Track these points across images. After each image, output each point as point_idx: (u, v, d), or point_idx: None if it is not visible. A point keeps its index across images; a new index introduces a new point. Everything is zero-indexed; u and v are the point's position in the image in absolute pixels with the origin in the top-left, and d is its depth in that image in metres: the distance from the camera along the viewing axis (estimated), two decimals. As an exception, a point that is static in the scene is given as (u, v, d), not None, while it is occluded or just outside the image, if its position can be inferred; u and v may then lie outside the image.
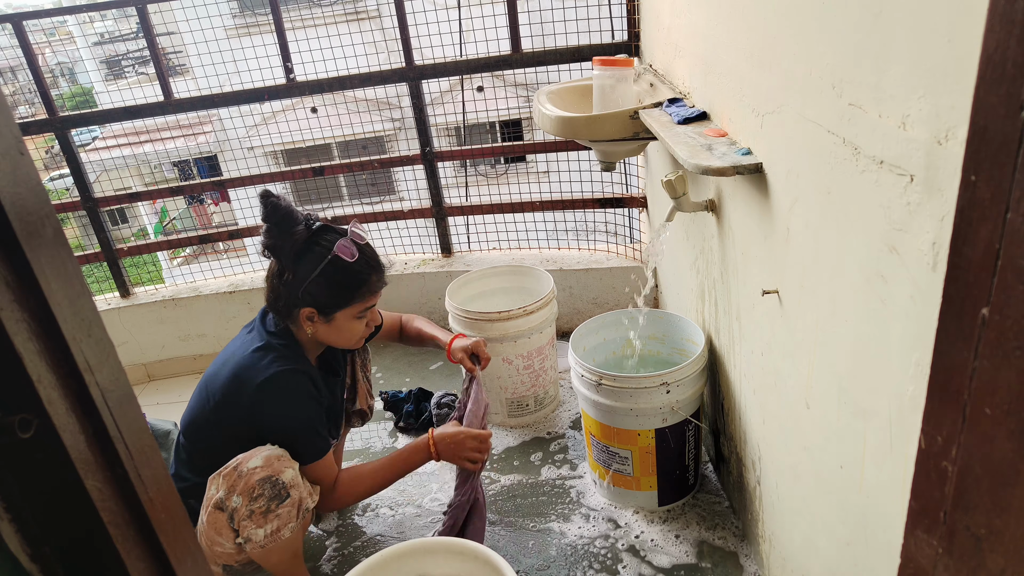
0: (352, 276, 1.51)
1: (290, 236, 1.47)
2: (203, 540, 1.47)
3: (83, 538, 0.47)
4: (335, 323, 1.54)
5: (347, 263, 1.49)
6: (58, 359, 0.44)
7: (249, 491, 1.40)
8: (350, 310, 1.54)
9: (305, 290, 1.48)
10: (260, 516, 1.41)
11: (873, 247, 0.85)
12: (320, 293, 1.49)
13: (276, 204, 1.47)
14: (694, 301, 1.91)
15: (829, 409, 1.05)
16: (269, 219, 1.48)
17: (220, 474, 1.44)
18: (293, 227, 1.48)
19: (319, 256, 1.48)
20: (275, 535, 1.42)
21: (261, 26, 4.72)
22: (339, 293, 1.51)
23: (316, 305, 1.50)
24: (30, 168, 0.44)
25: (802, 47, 1.00)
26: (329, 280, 1.49)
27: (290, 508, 1.43)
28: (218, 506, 1.42)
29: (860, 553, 1.01)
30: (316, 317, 1.52)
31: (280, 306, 1.53)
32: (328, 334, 1.56)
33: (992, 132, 0.44)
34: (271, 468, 1.41)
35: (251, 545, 1.42)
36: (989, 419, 0.48)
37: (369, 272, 1.54)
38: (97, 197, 2.79)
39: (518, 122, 5.59)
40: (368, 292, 1.54)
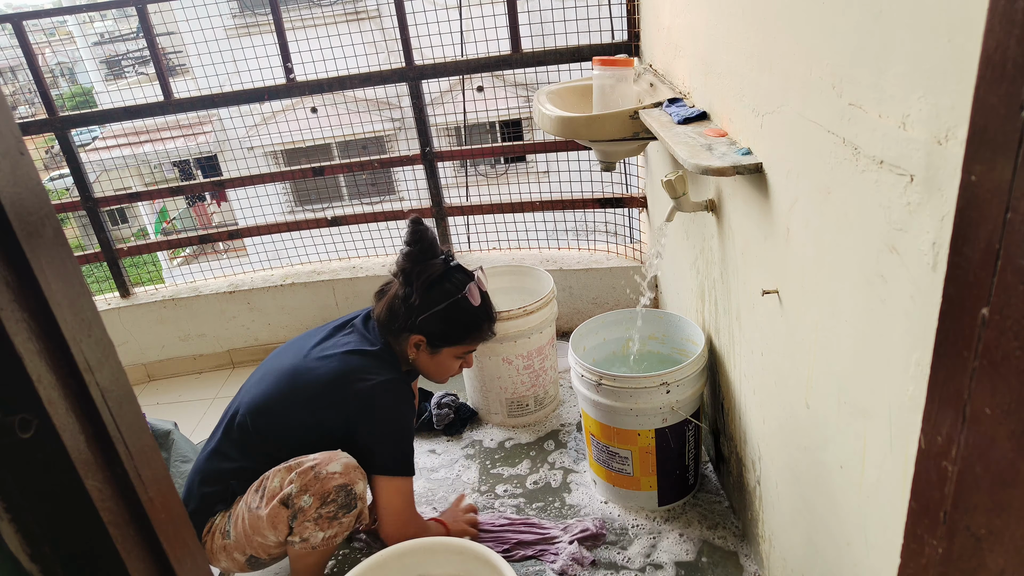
0: (471, 319, 1.61)
1: (428, 266, 1.56)
2: (243, 525, 1.46)
3: (83, 538, 0.47)
4: (438, 357, 1.62)
5: (471, 306, 1.59)
6: (58, 359, 0.44)
7: (324, 495, 1.41)
8: (456, 349, 1.63)
9: (425, 319, 1.56)
10: (326, 521, 1.43)
11: (873, 247, 0.85)
12: (437, 326, 1.57)
13: (424, 233, 1.57)
14: (694, 301, 1.91)
15: (829, 409, 1.05)
16: (413, 244, 1.56)
17: (292, 469, 1.44)
18: (432, 258, 1.58)
19: (447, 293, 1.57)
20: (330, 540, 1.45)
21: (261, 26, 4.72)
22: (454, 331, 1.60)
23: (429, 335, 1.58)
24: (30, 168, 0.44)
25: (802, 47, 1.00)
26: (450, 317, 1.58)
27: (352, 519, 1.46)
28: (284, 501, 1.42)
29: (860, 553, 1.01)
30: (424, 346, 1.60)
31: (395, 326, 1.59)
32: (426, 364, 1.64)
33: (992, 132, 0.44)
34: (348, 477, 1.44)
35: (304, 545, 1.44)
36: (989, 419, 0.48)
37: (486, 319, 1.65)
38: (97, 197, 2.79)
39: (518, 122, 5.59)
40: (479, 337, 1.66)
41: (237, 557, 1.50)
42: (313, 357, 1.57)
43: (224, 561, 1.51)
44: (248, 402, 1.56)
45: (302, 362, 1.57)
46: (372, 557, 1.38)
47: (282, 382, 1.55)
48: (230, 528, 1.48)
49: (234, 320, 2.93)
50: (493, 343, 2.08)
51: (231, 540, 1.47)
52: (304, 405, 1.52)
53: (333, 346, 1.58)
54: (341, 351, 1.55)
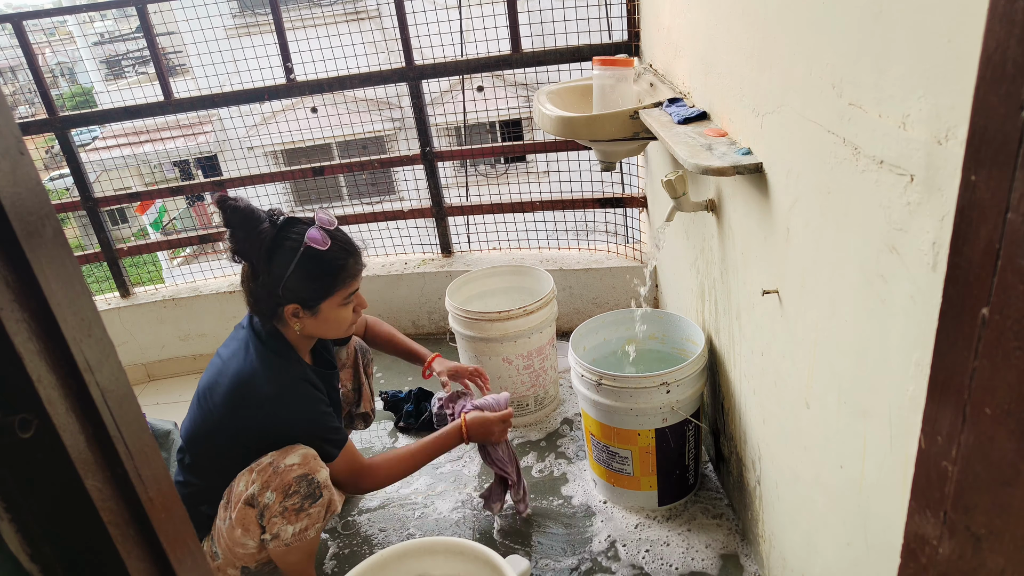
0: (328, 264, 1.46)
1: (256, 236, 1.42)
2: (223, 541, 1.46)
3: (83, 538, 0.47)
4: (321, 315, 1.49)
5: (321, 252, 1.44)
6: (58, 359, 0.44)
7: (285, 488, 1.40)
8: (334, 299, 1.49)
9: (284, 287, 1.43)
10: (292, 514, 1.41)
11: (873, 247, 0.85)
12: (300, 288, 1.44)
13: (235, 206, 1.42)
14: (694, 301, 1.91)
15: (829, 409, 1.05)
16: (231, 223, 1.42)
17: (252, 470, 1.43)
18: (258, 226, 1.43)
19: (290, 250, 1.43)
20: (302, 534, 1.43)
21: (261, 26, 4.72)
22: (319, 284, 1.46)
23: (299, 301, 1.45)
24: (30, 168, 0.44)
25: (802, 47, 1.00)
26: (306, 273, 1.44)
27: (320, 508, 1.44)
28: (248, 502, 1.41)
29: (860, 553, 1.01)
30: (301, 312, 1.47)
31: (263, 308, 1.48)
32: (317, 327, 1.51)
33: (992, 132, 0.44)
34: (308, 467, 1.42)
35: (276, 542, 1.43)
36: (989, 419, 0.48)
37: (345, 256, 1.49)
38: (97, 197, 2.79)
39: (518, 122, 5.59)
40: (348, 277, 1.49)
41: (232, 573, 1.51)
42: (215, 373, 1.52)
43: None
44: (183, 431, 1.56)
45: (209, 381, 1.52)
46: (372, 557, 1.38)
47: (201, 406, 1.52)
48: (216, 549, 1.48)
49: (234, 320, 2.93)
50: (494, 343, 2.08)
51: (220, 559, 1.48)
52: (219, 427, 1.49)
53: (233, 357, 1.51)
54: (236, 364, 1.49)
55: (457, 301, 2.21)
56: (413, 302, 2.85)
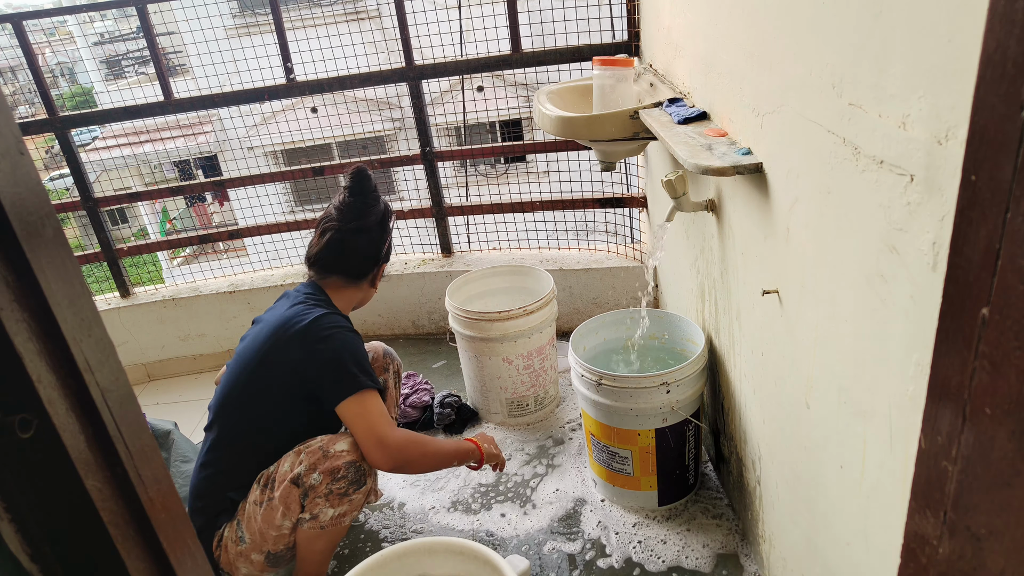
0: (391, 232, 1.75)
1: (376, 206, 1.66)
2: (255, 523, 1.46)
3: (83, 538, 0.47)
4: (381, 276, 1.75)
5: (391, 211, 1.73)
6: (58, 359, 0.44)
7: (334, 472, 1.43)
8: None
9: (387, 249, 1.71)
10: (337, 497, 1.45)
11: (873, 247, 0.85)
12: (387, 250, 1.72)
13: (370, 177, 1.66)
14: (694, 301, 1.91)
15: (829, 409, 1.05)
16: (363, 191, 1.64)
17: (300, 451, 1.46)
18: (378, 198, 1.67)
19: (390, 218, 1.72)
20: (340, 519, 1.47)
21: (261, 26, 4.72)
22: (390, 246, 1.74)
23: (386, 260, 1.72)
24: (30, 168, 0.44)
25: (802, 47, 1.00)
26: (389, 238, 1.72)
27: (361, 496, 1.48)
28: (295, 481, 1.43)
29: (860, 553, 1.01)
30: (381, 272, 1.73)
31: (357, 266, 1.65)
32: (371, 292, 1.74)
33: (992, 132, 0.44)
34: (356, 454, 1.46)
35: (313, 524, 1.45)
36: (989, 419, 0.48)
37: None
38: (97, 197, 2.79)
39: (518, 122, 5.59)
40: None
41: (256, 558, 1.50)
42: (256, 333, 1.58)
43: (244, 567, 1.51)
44: (214, 406, 1.59)
45: (242, 351, 1.58)
46: (372, 557, 1.38)
47: (232, 375, 1.57)
48: (243, 533, 1.49)
49: (234, 320, 2.93)
50: (494, 343, 2.08)
51: (246, 544, 1.48)
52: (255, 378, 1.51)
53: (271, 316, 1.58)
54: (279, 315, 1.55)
55: (457, 301, 2.21)
56: (413, 302, 2.85)
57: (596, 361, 1.95)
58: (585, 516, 1.83)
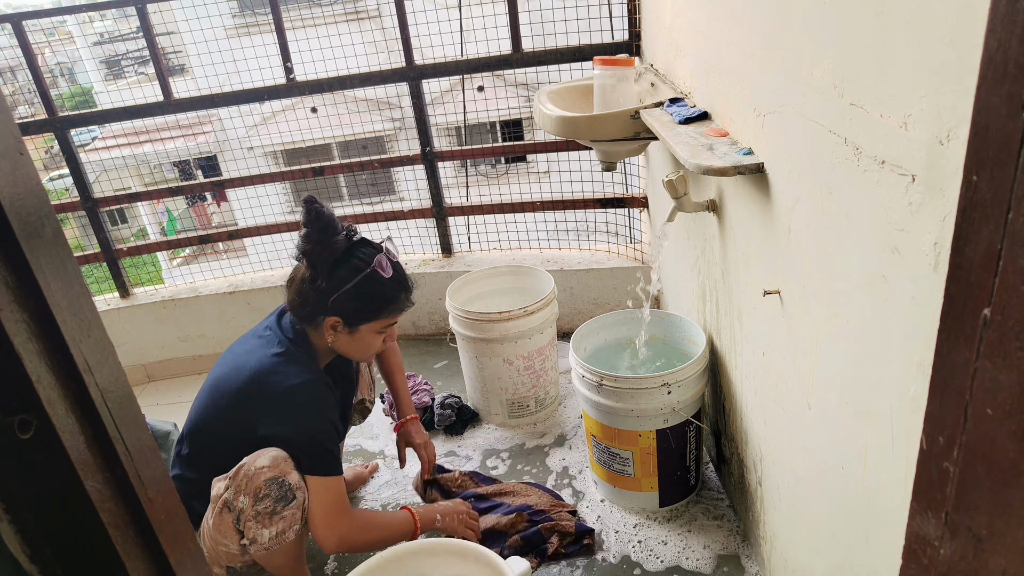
0: (384, 292, 1.53)
1: (330, 245, 1.48)
2: (207, 541, 1.47)
3: (83, 538, 0.47)
4: (358, 335, 1.55)
5: (382, 279, 1.51)
6: (58, 359, 0.44)
7: (255, 491, 1.40)
8: (375, 324, 1.55)
9: (336, 300, 1.49)
10: (266, 517, 1.41)
11: (874, 247, 0.84)
12: (350, 305, 1.50)
13: (319, 211, 1.48)
14: (695, 301, 1.91)
15: (830, 410, 1.05)
16: (310, 225, 1.48)
17: (227, 476, 1.43)
18: (333, 236, 1.49)
19: (355, 269, 1.49)
20: (280, 537, 1.43)
21: (261, 26, 4.72)
22: (369, 307, 1.52)
23: (344, 315, 1.51)
24: (30, 168, 0.44)
25: (803, 47, 1.00)
26: (362, 294, 1.50)
27: (295, 510, 1.43)
28: (226, 506, 1.42)
29: (861, 554, 1.01)
30: (340, 327, 1.53)
31: (306, 312, 1.52)
32: (347, 344, 1.57)
33: (994, 132, 0.44)
34: (278, 469, 1.41)
35: (256, 547, 1.42)
36: (991, 420, 0.48)
37: (400, 291, 1.56)
38: (97, 197, 2.79)
39: (518, 122, 5.59)
40: (396, 310, 1.57)
41: (218, 572, 1.51)
42: (230, 367, 1.54)
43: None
44: (187, 422, 1.57)
45: (223, 372, 1.54)
46: (372, 558, 1.38)
47: (205, 397, 1.55)
48: (202, 545, 1.48)
49: (234, 321, 2.93)
50: (494, 343, 2.08)
51: (206, 556, 1.48)
52: (223, 415, 1.50)
53: (255, 349, 1.54)
54: (258, 355, 1.51)
55: (457, 302, 2.20)
56: (413, 302, 2.85)
57: (597, 362, 1.94)
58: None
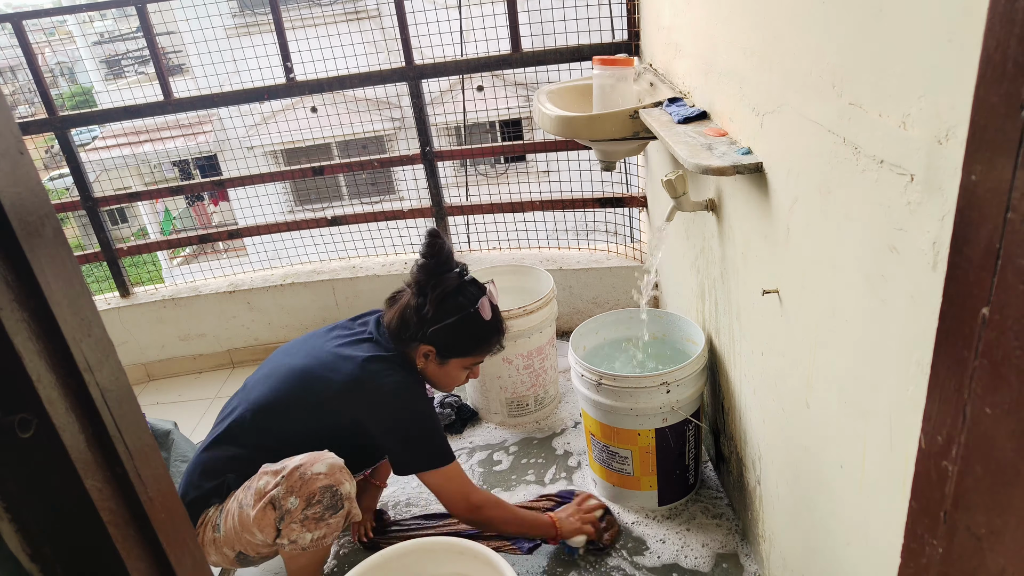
0: (482, 332, 1.60)
1: (443, 279, 1.55)
2: (232, 522, 1.46)
3: (83, 538, 0.47)
4: (446, 367, 1.61)
5: (482, 320, 1.58)
6: (58, 359, 0.44)
7: (309, 496, 1.41)
8: (464, 360, 1.62)
9: (436, 331, 1.55)
10: (313, 522, 1.42)
11: (873, 246, 0.85)
12: (448, 338, 1.56)
13: (441, 245, 1.56)
14: (694, 301, 1.91)
15: (829, 409, 1.05)
16: (429, 257, 1.56)
17: (278, 473, 1.43)
18: (448, 271, 1.57)
19: (460, 306, 1.56)
20: (319, 541, 1.44)
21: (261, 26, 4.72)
22: (464, 344, 1.59)
23: (438, 347, 1.57)
24: (30, 168, 0.44)
25: (802, 46, 1.00)
26: (461, 330, 1.57)
27: (340, 519, 1.46)
28: (272, 503, 1.42)
29: (860, 553, 1.01)
30: (433, 356, 1.59)
31: (405, 335, 1.58)
32: (434, 373, 1.63)
33: (992, 131, 0.44)
34: (333, 478, 1.43)
35: (293, 546, 1.43)
36: (989, 419, 0.48)
37: (496, 334, 1.64)
38: (97, 197, 2.78)
39: (518, 121, 5.59)
40: (488, 350, 1.65)
41: (227, 552, 1.50)
42: (327, 360, 1.56)
43: (214, 555, 1.51)
44: (253, 399, 1.56)
45: (315, 364, 1.56)
46: (372, 557, 1.38)
47: (291, 382, 1.55)
48: (220, 522, 1.48)
49: (234, 320, 2.93)
50: (493, 343, 2.08)
51: (220, 535, 1.47)
52: (315, 408, 1.52)
53: (349, 350, 1.57)
54: (359, 356, 1.55)
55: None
56: (413, 302, 2.85)
57: (596, 361, 1.95)
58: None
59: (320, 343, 1.62)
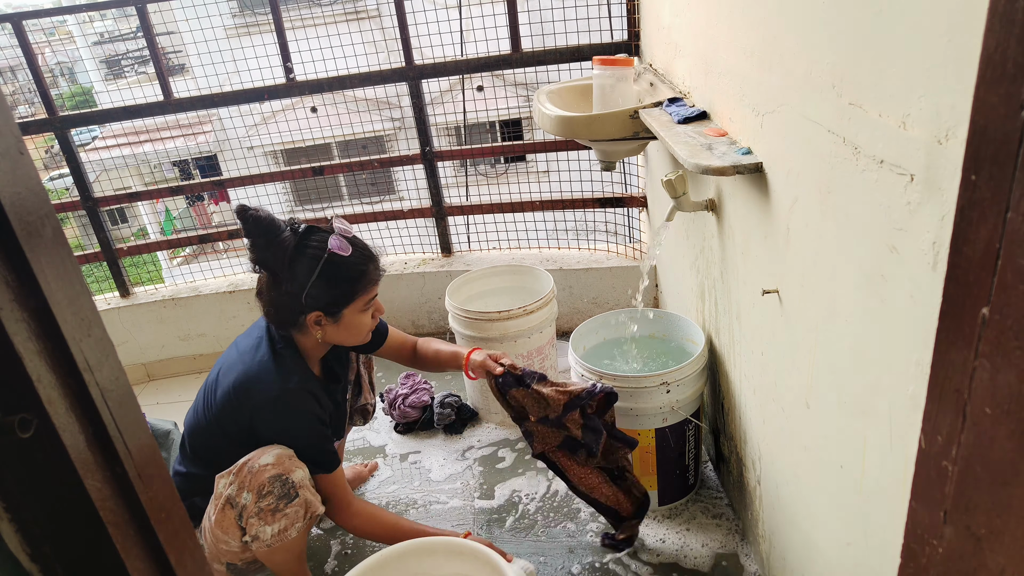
0: (351, 270, 1.49)
1: (279, 245, 1.44)
2: (208, 537, 1.47)
3: (83, 538, 0.47)
4: (343, 321, 1.52)
5: (344, 258, 1.47)
6: (58, 359, 0.44)
7: (259, 488, 1.40)
8: (355, 305, 1.52)
9: (307, 295, 1.45)
10: (268, 514, 1.41)
11: (873, 246, 0.85)
12: (323, 295, 1.47)
13: (256, 216, 1.43)
14: (694, 301, 1.91)
15: (829, 409, 1.05)
16: (252, 232, 1.44)
17: (230, 471, 1.44)
18: (279, 235, 1.45)
19: (313, 258, 1.45)
20: (282, 534, 1.43)
21: (261, 26, 4.72)
22: (342, 290, 1.49)
23: (322, 308, 1.48)
24: (30, 168, 0.44)
25: (802, 46, 1.00)
26: (329, 279, 1.47)
27: (298, 508, 1.44)
28: (228, 502, 1.42)
29: (860, 553, 1.01)
30: (324, 320, 1.50)
31: (283, 317, 1.50)
32: (337, 334, 1.54)
33: (992, 131, 0.44)
34: (282, 467, 1.42)
35: (258, 543, 1.43)
36: (989, 419, 0.48)
37: (366, 263, 1.52)
38: (97, 197, 2.79)
39: (518, 121, 5.59)
40: (369, 283, 1.53)
41: (218, 568, 1.51)
42: (221, 372, 1.55)
43: None
44: (186, 421, 1.59)
45: (213, 378, 1.56)
46: (372, 557, 1.38)
47: (201, 400, 1.57)
48: (203, 542, 1.49)
49: (234, 320, 2.93)
50: (493, 342, 2.08)
51: (206, 552, 1.48)
52: (218, 415, 1.51)
53: (243, 356, 1.54)
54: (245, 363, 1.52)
55: (457, 301, 2.20)
56: (413, 302, 2.85)
57: (595, 361, 1.94)
58: (583, 515, 1.83)
59: (229, 350, 1.61)
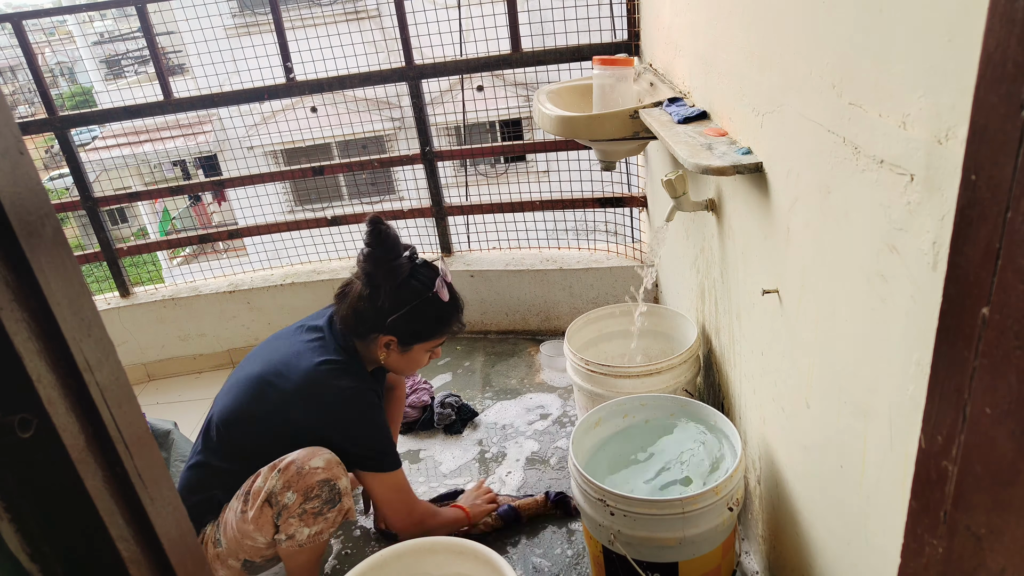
0: (442, 315, 1.57)
1: (394, 267, 1.51)
2: (231, 532, 1.45)
3: (83, 538, 0.47)
4: (409, 354, 1.59)
5: (440, 302, 1.55)
6: (58, 359, 0.44)
7: (307, 490, 1.40)
8: (427, 344, 1.59)
9: (395, 320, 1.51)
10: (311, 517, 1.42)
11: (873, 246, 0.85)
12: (408, 326, 1.53)
13: (387, 232, 1.51)
14: (694, 300, 1.91)
15: (829, 409, 1.05)
16: (375, 246, 1.51)
17: (275, 467, 1.43)
18: (397, 257, 1.52)
19: (415, 291, 1.53)
20: (317, 536, 1.44)
21: (261, 26, 4.72)
22: (425, 329, 1.56)
23: (399, 335, 1.54)
24: (30, 168, 0.44)
25: (802, 46, 1.00)
26: (421, 316, 1.53)
27: (337, 514, 1.45)
28: (269, 500, 1.41)
29: (860, 553, 1.01)
30: (395, 346, 1.56)
31: (360, 328, 1.55)
32: (397, 361, 1.60)
33: (992, 131, 0.44)
34: (331, 472, 1.43)
35: (290, 543, 1.43)
36: (989, 419, 0.48)
37: (456, 313, 1.61)
38: (97, 197, 2.79)
39: (518, 121, 5.59)
40: (449, 332, 1.61)
41: (232, 564, 1.50)
42: (279, 365, 1.54)
43: (221, 570, 1.50)
44: (219, 412, 1.55)
45: (269, 370, 1.54)
46: (372, 557, 1.38)
47: (250, 391, 1.53)
48: (220, 536, 1.47)
49: (234, 320, 2.93)
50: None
51: (223, 548, 1.47)
52: (273, 414, 1.50)
53: (299, 354, 1.54)
54: (307, 361, 1.52)
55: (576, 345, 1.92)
56: (413, 302, 2.85)
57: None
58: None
59: (278, 345, 1.60)
